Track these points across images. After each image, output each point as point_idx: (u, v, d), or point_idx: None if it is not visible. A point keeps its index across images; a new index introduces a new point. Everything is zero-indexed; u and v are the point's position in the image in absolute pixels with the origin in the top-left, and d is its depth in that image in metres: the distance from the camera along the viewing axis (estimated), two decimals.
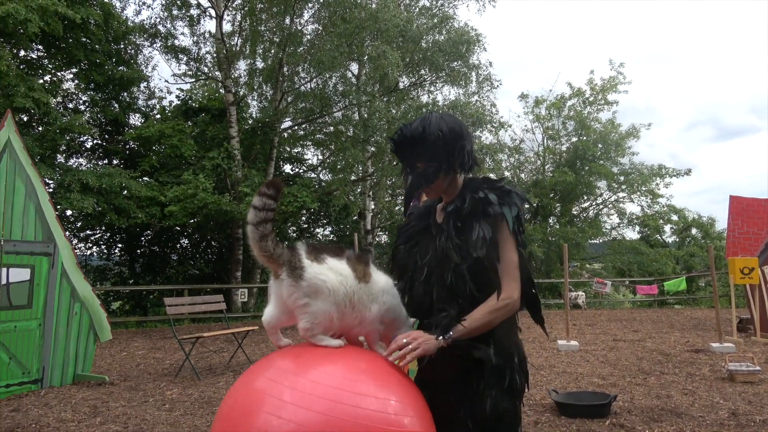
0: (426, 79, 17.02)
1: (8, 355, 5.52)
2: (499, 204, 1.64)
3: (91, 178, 11.80)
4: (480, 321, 1.57)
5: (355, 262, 1.56)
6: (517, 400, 1.66)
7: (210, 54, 16.55)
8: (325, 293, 1.47)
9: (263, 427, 1.23)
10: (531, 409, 4.71)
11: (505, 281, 1.60)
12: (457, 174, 1.73)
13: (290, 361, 1.41)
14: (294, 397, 1.26)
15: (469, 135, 1.73)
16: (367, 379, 1.36)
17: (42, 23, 10.69)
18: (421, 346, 1.51)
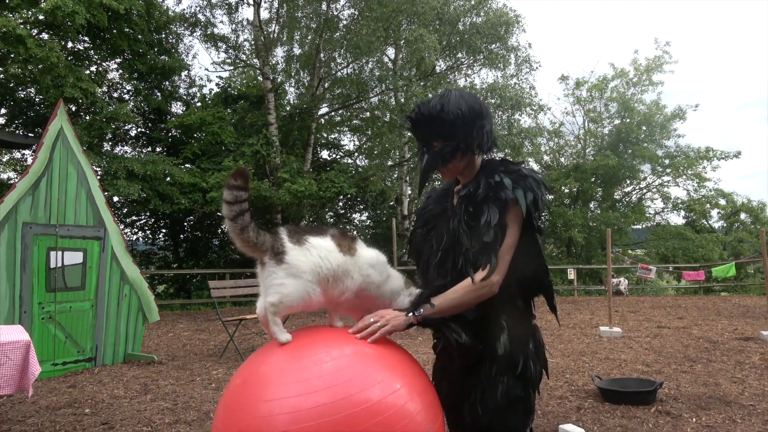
0: (463, 63, 16.80)
1: (64, 334, 5.79)
2: (513, 188, 1.57)
3: (137, 166, 12.16)
4: (453, 301, 1.53)
5: (339, 238, 1.56)
6: (531, 388, 1.62)
7: (248, 41, 16.73)
8: (305, 273, 1.47)
9: (265, 410, 1.24)
10: (573, 394, 4.67)
11: (487, 263, 1.55)
12: (475, 155, 1.67)
13: (295, 345, 1.41)
14: (297, 382, 1.26)
15: (489, 115, 1.68)
16: (372, 364, 1.35)
17: (88, 15, 11.00)
18: (390, 323, 1.48)
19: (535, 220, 1.58)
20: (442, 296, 1.54)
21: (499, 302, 1.58)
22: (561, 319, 10.23)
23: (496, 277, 1.53)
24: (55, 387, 5.15)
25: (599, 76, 22.53)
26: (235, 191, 1.44)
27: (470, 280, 1.53)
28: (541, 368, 1.67)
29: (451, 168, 1.69)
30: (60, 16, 10.60)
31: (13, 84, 13.08)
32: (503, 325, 1.60)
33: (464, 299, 1.53)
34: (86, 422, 4.06)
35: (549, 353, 6.57)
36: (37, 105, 14.27)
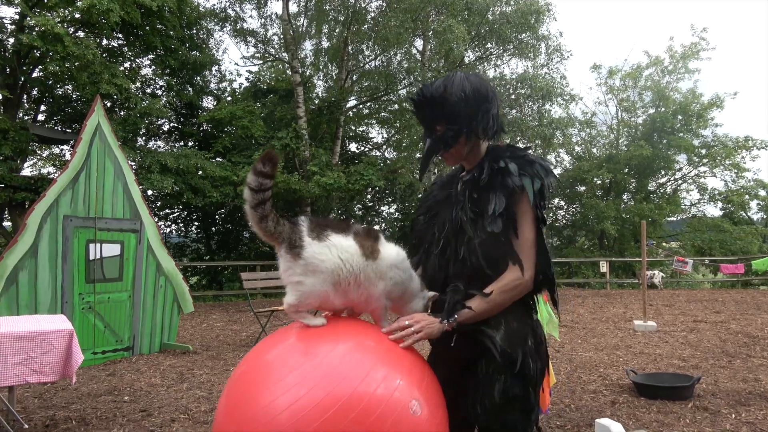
0: (492, 53, 16.60)
1: (103, 323, 5.96)
2: (519, 175, 1.50)
3: (170, 160, 12.40)
4: (488, 304, 1.48)
5: (363, 238, 1.48)
6: (531, 386, 1.54)
7: (277, 35, 16.84)
8: (323, 273, 1.41)
9: (269, 399, 1.24)
10: (607, 389, 4.60)
11: (516, 261, 1.49)
12: (480, 140, 1.60)
13: (300, 336, 1.40)
14: (301, 372, 1.25)
15: (496, 97, 1.60)
16: (375, 358, 1.33)
17: (122, 12, 11.21)
18: (424, 330, 1.44)
19: (539, 210, 1.51)
20: (476, 300, 1.48)
21: None
22: (593, 312, 10.08)
23: (528, 273, 1.49)
24: (95, 375, 5.32)
25: (633, 64, 22.01)
26: (261, 178, 1.38)
27: (505, 279, 1.48)
28: (542, 366, 1.59)
29: (454, 153, 1.61)
30: (95, 14, 10.83)
31: (52, 81, 13.45)
32: (501, 321, 1.53)
33: (499, 301, 1.48)
34: (126, 409, 4.19)
35: (582, 347, 6.49)
36: (75, 101, 14.65)
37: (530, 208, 1.50)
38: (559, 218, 21.62)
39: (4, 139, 11.15)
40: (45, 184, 11.67)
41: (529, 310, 1.60)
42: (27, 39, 10.41)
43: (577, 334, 7.47)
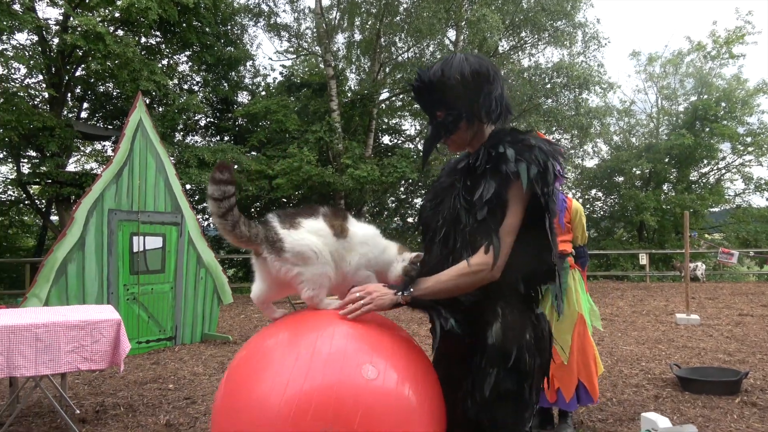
0: (527, 42, 16.31)
1: (147, 314, 6.14)
2: (515, 161, 1.41)
3: (207, 154, 12.65)
4: (445, 284, 1.42)
5: (331, 218, 1.50)
6: (526, 382, 1.47)
7: (310, 29, 16.94)
8: (312, 257, 1.43)
9: (266, 389, 1.24)
10: (650, 383, 4.51)
11: (487, 245, 1.42)
12: (483, 124, 1.53)
13: (299, 324, 1.40)
14: (298, 362, 1.25)
15: (499, 79, 1.51)
16: (370, 348, 1.32)
17: (160, 10, 11.45)
18: (374, 302, 1.39)
19: (543, 197, 1.41)
20: (434, 277, 1.43)
21: (496, 287, 1.45)
22: (633, 305, 9.86)
23: (498, 260, 1.40)
24: (140, 363, 5.49)
25: (674, 50, 21.36)
26: (222, 186, 1.36)
27: (466, 262, 1.41)
28: (541, 361, 1.52)
29: (456, 139, 1.55)
30: (134, 13, 11.10)
31: (94, 79, 13.85)
32: (498, 313, 1.46)
33: (458, 283, 1.42)
34: (170, 396, 4.31)
35: (623, 340, 6.36)
36: (115, 99, 15.07)
37: (522, 195, 1.41)
38: (597, 210, 21.18)
39: (51, 136, 11.55)
40: (89, 180, 12.06)
41: (529, 301, 1.53)
42: (71, 39, 10.75)
43: (617, 327, 7.33)
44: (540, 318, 1.54)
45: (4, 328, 3.22)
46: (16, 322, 3.26)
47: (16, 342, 3.25)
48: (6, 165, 14.71)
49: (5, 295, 12.23)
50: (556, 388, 3.26)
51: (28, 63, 12.07)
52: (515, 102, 14.25)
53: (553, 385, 3.26)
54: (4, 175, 16.00)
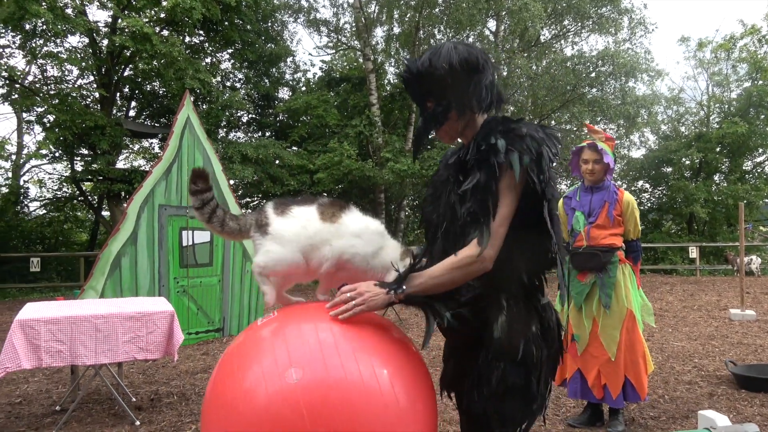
0: (570, 30, 15.92)
1: (196, 306, 6.33)
2: (506, 151, 1.38)
3: (249, 150, 12.89)
4: (438, 279, 1.38)
5: (326, 206, 1.53)
6: (534, 375, 1.44)
7: (349, 24, 16.99)
8: (288, 240, 1.47)
9: (254, 380, 1.25)
10: (703, 380, 4.37)
11: (478, 236, 1.38)
12: (475, 113, 1.49)
13: (288, 320, 1.40)
14: (286, 355, 1.26)
15: (489, 67, 1.47)
16: (361, 344, 1.31)
17: (203, 10, 11.71)
18: (366, 302, 1.36)
19: (538, 186, 1.37)
20: (426, 272, 1.40)
21: (498, 279, 1.42)
22: (683, 300, 9.55)
23: (488, 251, 1.36)
24: (191, 354, 5.66)
25: (725, 34, 20.44)
26: (200, 195, 1.49)
27: (458, 254, 1.38)
28: (548, 353, 1.48)
29: (447, 130, 1.51)
30: (179, 13, 11.38)
31: (141, 79, 14.29)
32: (502, 305, 1.43)
33: (451, 276, 1.38)
34: None
35: (674, 336, 6.18)
36: (161, 97, 15.50)
37: (515, 185, 1.38)
38: (644, 201, 20.54)
39: (102, 135, 12.00)
40: (138, 176, 12.48)
41: (534, 291, 1.49)
42: (119, 40, 11.11)
43: (667, 323, 7.12)
44: (546, 308, 1.51)
45: (67, 319, 3.38)
46: (77, 314, 3.42)
47: (77, 332, 3.41)
48: (61, 163, 15.37)
49: (62, 287, 12.79)
50: (602, 384, 3.20)
51: (80, 65, 12.55)
52: (558, 92, 13.96)
53: (600, 381, 3.20)
54: (59, 172, 16.75)
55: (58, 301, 4.13)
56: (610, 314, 3.20)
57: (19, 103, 12.43)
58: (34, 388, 4.50)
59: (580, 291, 3.26)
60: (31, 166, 16.81)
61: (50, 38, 12.14)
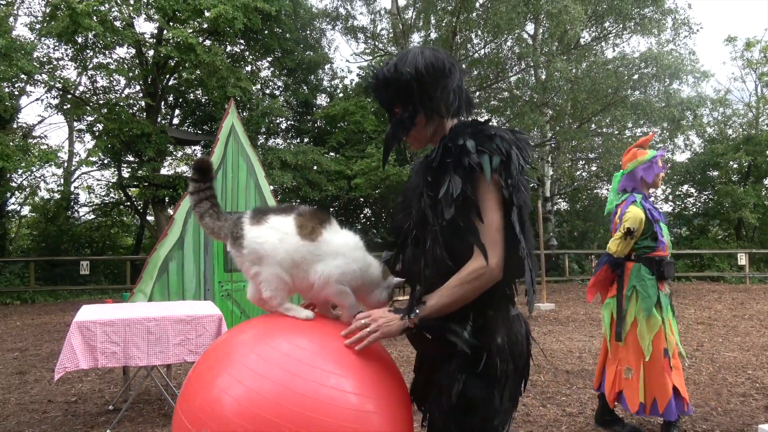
0: (611, 31, 15.61)
1: (240, 310, 6.46)
2: (477, 152, 1.34)
3: (289, 156, 13.10)
4: (449, 297, 1.33)
5: (305, 218, 1.43)
6: (497, 388, 1.39)
7: (385, 30, 17.10)
8: (265, 256, 1.38)
9: (222, 386, 1.24)
10: (758, 392, 4.21)
11: (477, 248, 1.33)
12: (443, 119, 1.47)
13: (263, 328, 1.38)
14: (256, 364, 1.24)
15: (456, 71, 1.44)
16: (331, 356, 1.29)
17: (245, 20, 11.99)
18: (381, 329, 1.32)
19: (505, 190, 1.34)
20: (437, 293, 1.35)
21: None
22: (733, 309, 9.21)
23: (493, 260, 1.32)
24: None
25: None
26: (194, 183, 1.52)
27: (465, 269, 1.33)
28: (514, 366, 1.43)
29: (416, 136, 1.49)
30: (222, 23, 11.69)
31: (184, 87, 14.72)
32: (468, 316, 1.38)
33: (463, 292, 1.34)
34: None
35: (724, 346, 5.98)
36: (204, 105, 15.92)
37: (495, 188, 1.34)
38: (689, 206, 19.92)
39: (148, 142, 12.39)
40: (181, 182, 12.83)
41: (505, 302, 1.44)
42: (165, 50, 11.49)
43: (716, 333, 6.88)
44: (515, 320, 1.45)
45: (121, 321, 3.50)
46: (130, 316, 3.54)
47: (131, 334, 3.53)
48: (109, 170, 15.93)
49: (109, 289, 13.24)
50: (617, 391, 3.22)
51: (127, 75, 13.01)
52: (600, 95, 13.70)
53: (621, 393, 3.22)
54: (107, 179, 17.37)
55: (111, 304, 4.29)
56: (675, 324, 3.22)
57: (70, 112, 12.96)
58: (88, 388, 4.67)
59: (667, 302, 3.21)
60: (81, 173, 17.48)
61: (100, 50, 12.64)
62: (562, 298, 11.04)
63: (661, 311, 3.14)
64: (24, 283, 12.60)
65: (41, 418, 3.89)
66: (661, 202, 19.35)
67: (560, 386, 4.46)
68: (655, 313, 3.11)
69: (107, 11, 10.89)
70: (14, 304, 11.79)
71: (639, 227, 3.16)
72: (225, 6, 11.09)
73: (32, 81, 11.97)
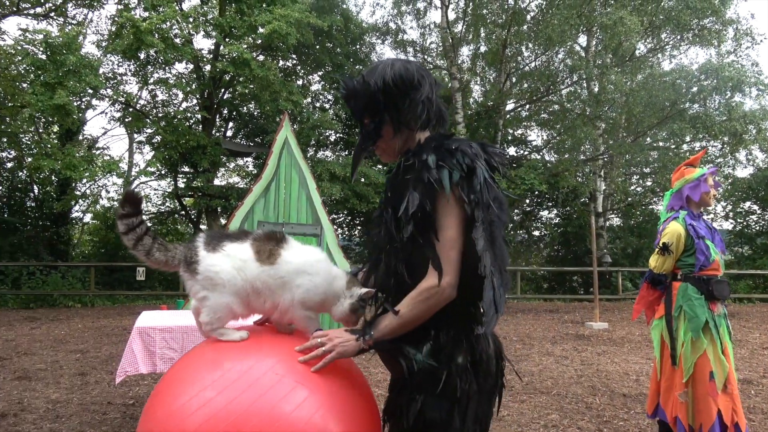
0: (668, 43, 15.17)
1: None
2: (437, 167, 1.32)
3: (337, 168, 13.27)
4: (403, 317, 1.32)
5: (262, 243, 1.42)
6: (458, 410, 1.34)
7: (435, 43, 17.15)
8: (220, 284, 1.36)
9: (185, 402, 1.24)
10: None
11: (431, 266, 1.31)
12: (413, 131, 1.45)
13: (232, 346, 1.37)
14: (219, 380, 1.25)
15: (426, 83, 1.43)
16: (297, 375, 1.28)
17: (298, 35, 12.28)
18: (336, 349, 1.31)
19: (467, 206, 1.31)
20: (390, 314, 1.34)
21: None
22: None
23: (446, 279, 1.30)
24: None
25: None
26: (125, 220, 1.41)
27: (418, 288, 1.32)
28: (478, 388, 1.38)
29: (385, 147, 1.49)
30: (276, 39, 12.01)
31: (238, 101, 15.17)
32: (429, 334, 1.36)
33: (416, 312, 1.32)
34: None
35: None
36: (256, 118, 16.35)
37: (456, 204, 1.32)
38: (751, 224, 18.98)
39: (203, 153, 12.81)
40: (233, 193, 13.19)
41: (467, 320, 1.40)
42: (221, 65, 11.88)
43: None
44: (480, 339, 1.40)
45: (179, 328, 3.61)
46: (188, 324, 3.65)
47: (188, 341, 3.63)
48: (165, 180, 16.54)
49: (163, 295, 13.68)
50: (734, 423, 3.03)
51: (185, 89, 13.52)
52: (656, 108, 13.30)
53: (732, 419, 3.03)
54: (163, 188, 18.05)
55: (169, 311, 4.43)
56: (731, 347, 3.06)
57: (131, 125, 13.56)
58: (144, 392, 4.83)
59: (720, 323, 3.08)
60: (139, 183, 18.21)
61: (161, 65, 13.20)
62: (615, 317, 10.68)
63: (711, 333, 3.01)
64: (85, 287, 13.19)
65: (101, 419, 4.04)
66: (721, 219, 18.52)
67: (617, 410, 4.30)
68: (702, 335, 2.98)
69: (168, 29, 11.37)
70: (75, 306, 12.35)
71: (676, 243, 3.09)
72: (279, 22, 11.40)
73: (98, 95, 12.58)
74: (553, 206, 18.56)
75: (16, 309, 11.80)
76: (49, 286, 12.70)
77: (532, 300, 14.56)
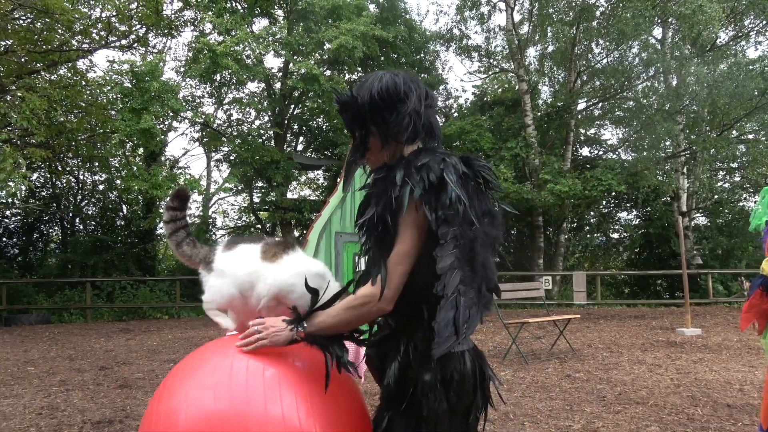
0: (752, 29, 14.22)
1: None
2: (402, 184, 1.32)
3: None
4: (335, 318, 1.35)
5: (271, 245, 1.54)
6: (424, 429, 1.31)
7: (500, 47, 16.93)
8: (229, 276, 1.50)
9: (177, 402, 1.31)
10: None
11: (374, 276, 1.33)
12: (399, 144, 1.42)
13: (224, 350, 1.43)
14: (213, 384, 1.31)
15: (413, 96, 1.40)
16: (287, 384, 1.32)
17: (364, 48, 12.49)
18: (269, 337, 1.35)
19: (434, 223, 1.27)
20: (326, 311, 1.38)
21: (402, 320, 1.38)
22: None
23: (385, 292, 1.29)
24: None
25: None
26: (171, 212, 1.60)
27: (356, 293, 1.36)
28: (450, 407, 1.32)
29: (373, 159, 1.48)
30: (342, 53, 12.27)
31: (308, 116, 15.59)
32: (399, 349, 1.36)
33: (346, 317, 1.35)
34: None
35: None
36: (325, 131, 16.73)
37: (413, 219, 1.32)
38: None
39: (277, 168, 13.25)
40: (306, 205, 13.53)
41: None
42: (291, 82, 12.27)
43: None
44: (453, 357, 1.33)
45: None
46: None
47: None
48: (241, 195, 17.23)
49: None
50: None
51: (257, 107, 14.06)
52: (743, 98, 12.46)
53: None
54: (239, 203, 18.79)
55: None
56: None
57: (209, 144, 14.24)
58: None
59: None
60: (217, 199, 19.06)
61: (235, 86, 13.80)
62: (708, 322, 10.05)
63: None
64: (171, 300, 13.92)
65: None
66: None
67: (723, 422, 4.02)
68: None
69: (241, 51, 11.88)
70: (163, 318, 13.05)
71: None
72: (345, 36, 11.64)
73: (178, 118, 13.31)
74: (633, 207, 17.74)
75: (111, 321, 12.61)
76: (139, 299, 13.49)
77: (613, 305, 13.94)
